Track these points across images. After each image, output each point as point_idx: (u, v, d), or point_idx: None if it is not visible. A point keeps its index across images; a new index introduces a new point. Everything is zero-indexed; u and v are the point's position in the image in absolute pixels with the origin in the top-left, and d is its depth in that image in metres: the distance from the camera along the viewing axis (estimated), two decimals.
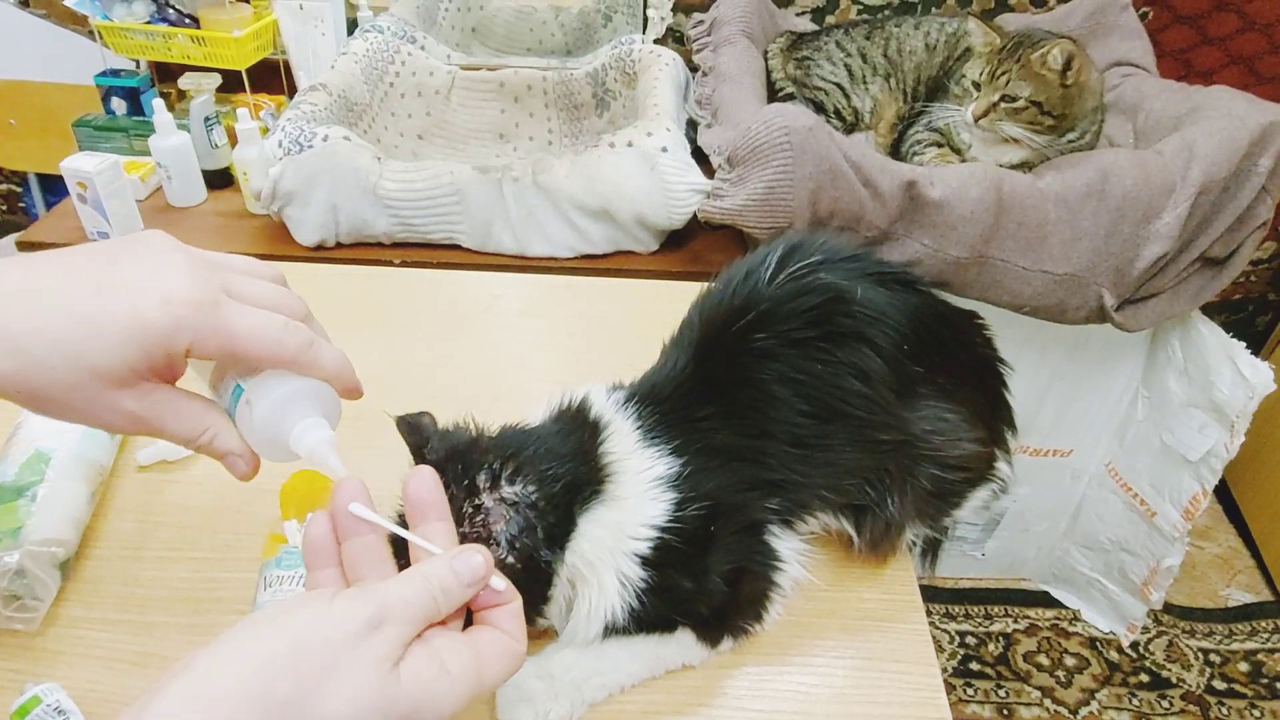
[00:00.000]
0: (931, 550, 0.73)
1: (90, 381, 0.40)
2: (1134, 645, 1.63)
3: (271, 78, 1.55)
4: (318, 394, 0.47)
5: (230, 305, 0.42)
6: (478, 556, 0.42)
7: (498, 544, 0.51)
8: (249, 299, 0.44)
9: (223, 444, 0.47)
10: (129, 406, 0.43)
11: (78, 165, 1.18)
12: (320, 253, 1.22)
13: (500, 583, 0.43)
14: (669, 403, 0.60)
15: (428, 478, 0.45)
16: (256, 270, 0.48)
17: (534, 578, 0.53)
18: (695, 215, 1.17)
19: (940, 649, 1.62)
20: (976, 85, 1.17)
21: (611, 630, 0.56)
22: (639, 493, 0.55)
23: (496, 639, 0.42)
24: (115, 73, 1.51)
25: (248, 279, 0.45)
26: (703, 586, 0.56)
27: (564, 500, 0.54)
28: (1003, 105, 1.14)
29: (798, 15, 1.59)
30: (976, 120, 1.15)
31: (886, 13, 1.56)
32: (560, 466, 0.54)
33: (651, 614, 0.56)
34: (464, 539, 0.50)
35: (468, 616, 0.44)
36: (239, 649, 0.36)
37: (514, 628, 0.43)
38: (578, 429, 0.58)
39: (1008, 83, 1.13)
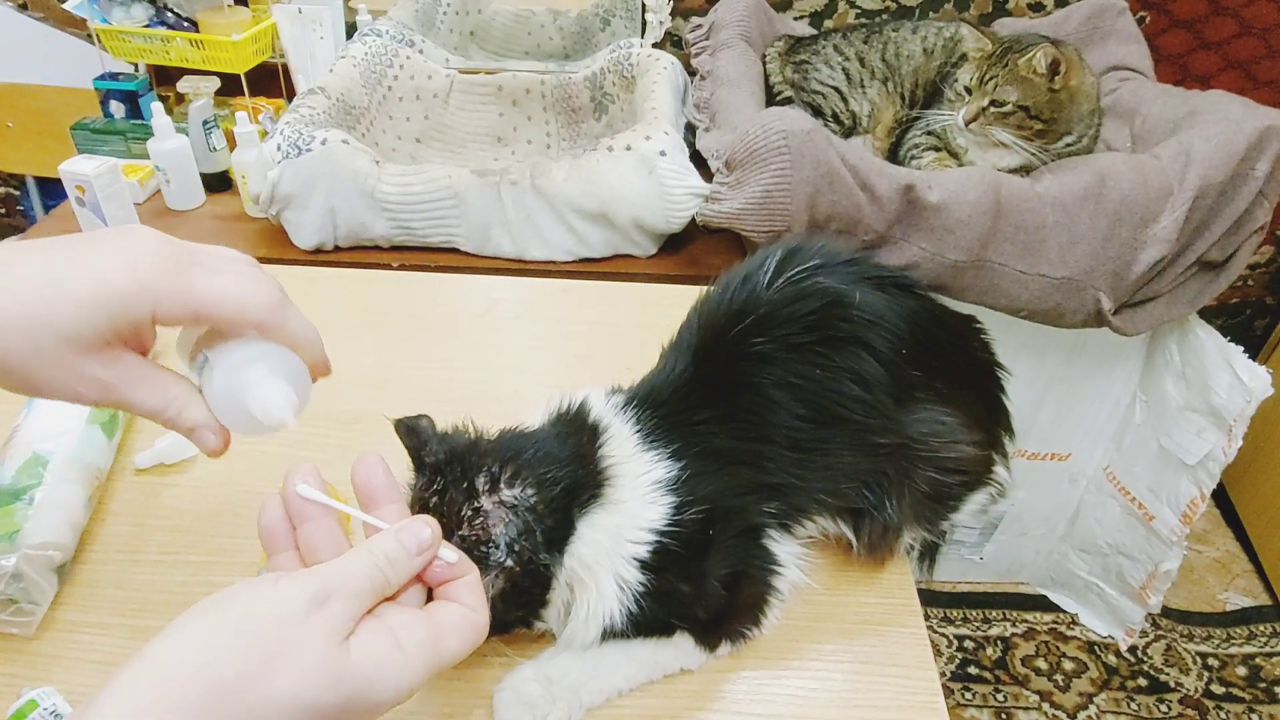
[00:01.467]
0: (929, 554, 0.73)
1: (57, 346, 0.40)
2: (1132, 649, 1.63)
3: (270, 81, 1.55)
4: (283, 359, 0.46)
5: (197, 269, 0.43)
6: (425, 528, 0.42)
7: (496, 547, 0.51)
8: (218, 271, 0.44)
9: (190, 417, 0.46)
10: (96, 373, 0.42)
11: (76, 168, 1.18)
12: (318, 256, 1.22)
13: (452, 555, 0.43)
14: (668, 406, 0.60)
15: (375, 463, 0.45)
16: (229, 255, 0.48)
17: (533, 581, 0.53)
18: (693, 219, 1.17)
19: (938, 653, 1.62)
20: (968, 90, 1.17)
21: (609, 634, 0.56)
22: (638, 496, 0.55)
23: (453, 611, 0.42)
24: (114, 76, 1.51)
25: (219, 259, 0.46)
26: (701, 591, 0.56)
27: (563, 504, 0.54)
28: (991, 110, 1.14)
29: (796, 19, 1.59)
30: (967, 125, 1.16)
31: (884, 17, 1.57)
32: (559, 470, 0.54)
33: (649, 618, 0.56)
34: (463, 542, 0.50)
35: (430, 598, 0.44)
36: (187, 633, 0.36)
37: (473, 600, 0.43)
38: (576, 432, 0.58)
39: (995, 88, 1.13)
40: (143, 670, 0.35)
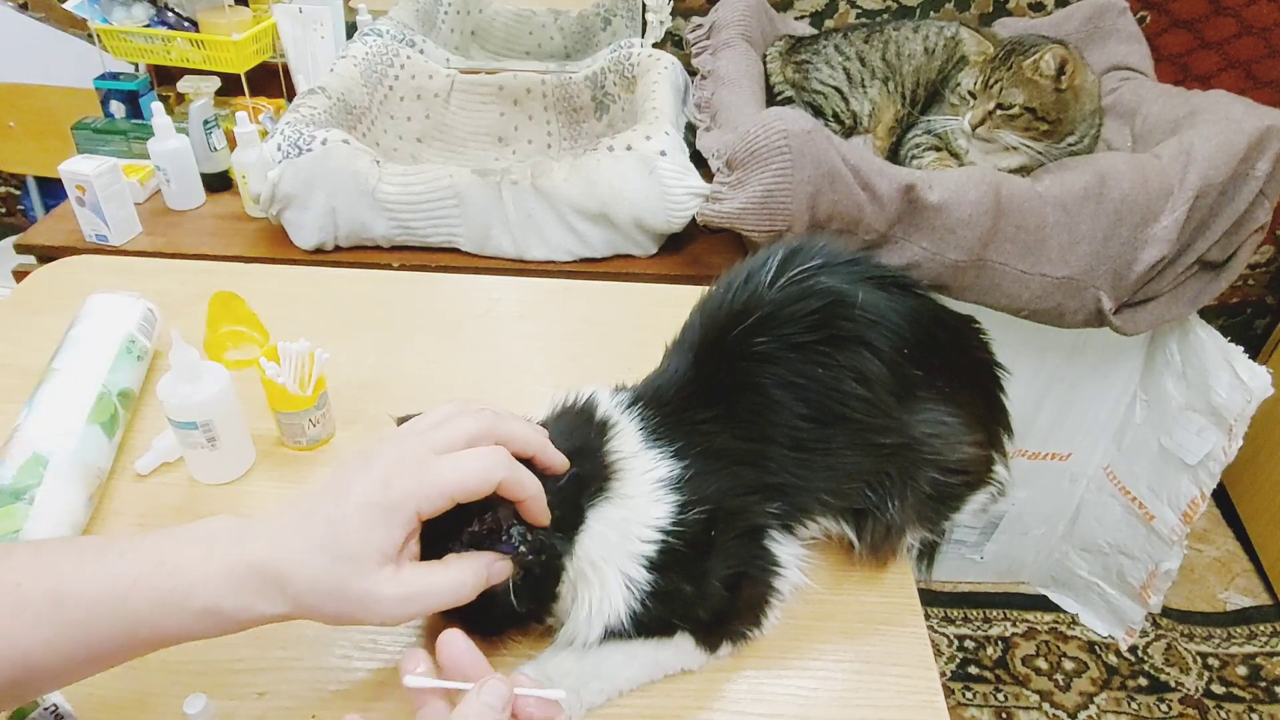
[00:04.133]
0: (928, 553, 0.73)
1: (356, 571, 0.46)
2: (1132, 649, 1.63)
3: (270, 81, 1.55)
4: None
5: (432, 465, 0.48)
6: (500, 685, 0.45)
7: (508, 538, 0.51)
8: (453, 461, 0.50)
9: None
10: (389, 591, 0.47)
11: (76, 168, 1.19)
12: (319, 256, 1.22)
13: (557, 693, 0.46)
14: (671, 406, 0.60)
15: (456, 639, 0.47)
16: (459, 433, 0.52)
17: (544, 570, 0.53)
18: (694, 219, 1.17)
19: (939, 653, 1.62)
20: (972, 94, 1.17)
21: (611, 634, 0.56)
22: (645, 493, 0.55)
23: None
24: (114, 76, 1.51)
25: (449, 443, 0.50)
26: (703, 591, 0.56)
27: (571, 493, 0.54)
28: (998, 113, 1.14)
29: (796, 19, 1.59)
30: (974, 129, 1.15)
31: (885, 17, 1.57)
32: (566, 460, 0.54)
33: (653, 618, 0.55)
34: (473, 537, 0.50)
35: None
36: None
37: None
38: (583, 426, 0.58)
39: (1001, 91, 1.13)
40: None
